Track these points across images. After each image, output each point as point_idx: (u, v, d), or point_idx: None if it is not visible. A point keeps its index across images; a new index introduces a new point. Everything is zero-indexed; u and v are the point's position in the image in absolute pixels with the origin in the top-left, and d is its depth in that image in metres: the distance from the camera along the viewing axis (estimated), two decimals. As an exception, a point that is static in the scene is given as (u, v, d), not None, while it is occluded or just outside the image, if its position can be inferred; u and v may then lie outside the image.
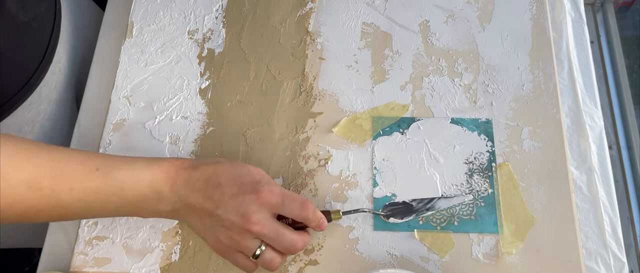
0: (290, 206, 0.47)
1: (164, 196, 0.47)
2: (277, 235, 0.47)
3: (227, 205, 0.46)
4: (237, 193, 0.46)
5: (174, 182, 0.47)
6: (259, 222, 0.46)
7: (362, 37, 0.65)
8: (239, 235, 0.46)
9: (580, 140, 0.60)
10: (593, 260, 0.54)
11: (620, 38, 1.00)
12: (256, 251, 0.47)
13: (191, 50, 0.65)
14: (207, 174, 0.47)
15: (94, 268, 0.54)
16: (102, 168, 0.46)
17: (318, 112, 0.61)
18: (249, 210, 0.46)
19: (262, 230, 0.46)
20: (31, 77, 0.57)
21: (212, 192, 0.46)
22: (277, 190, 0.47)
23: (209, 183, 0.46)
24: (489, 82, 0.62)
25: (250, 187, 0.46)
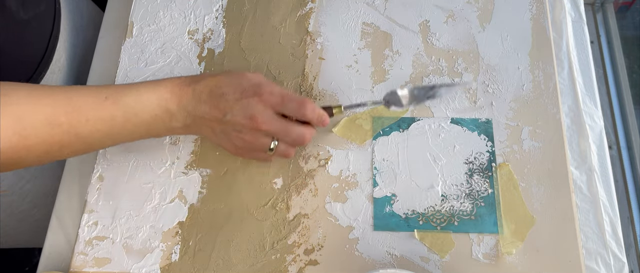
0: (290, 105, 0.51)
1: (174, 113, 0.50)
2: (285, 130, 0.51)
3: (233, 110, 0.49)
4: (240, 98, 0.49)
5: (180, 98, 0.50)
6: (266, 121, 0.50)
7: (362, 37, 0.65)
8: (251, 135, 0.51)
9: (580, 140, 0.60)
10: (593, 260, 0.54)
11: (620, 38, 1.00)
12: (270, 146, 0.52)
13: (191, 50, 0.65)
14: (210, 86, 0.50)
15: (94, 268, 0.54)
16: (111, 97, 0.48)
17: (318, 112, 0.61)
18: (255, 111, 0.49)
19: (270, 127, 0.50)
20: (31, 76, 0.57)
21: (218, 101, 0.49)
22: (277, 90, 0.51)
23: (213, 93, 0.50)
24: (489, 82, 0.62)
25: (252, 91, 0.50)
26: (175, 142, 0.60)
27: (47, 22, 0.59)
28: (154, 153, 0.59)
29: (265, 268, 0.54)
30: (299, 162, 0.58)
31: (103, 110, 0.48)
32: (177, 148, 0.60)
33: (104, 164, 0.59)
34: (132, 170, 0.59)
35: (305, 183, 0.57)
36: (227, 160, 0.59)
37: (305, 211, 0.56)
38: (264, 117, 0.50)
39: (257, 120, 0.50)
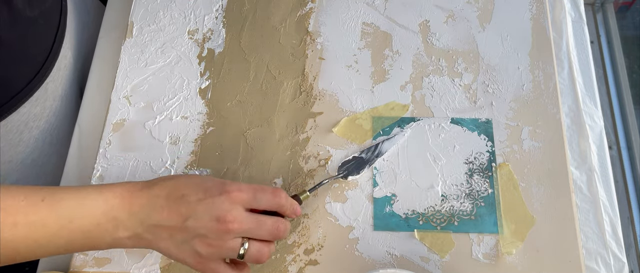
0: (263, 197, 0.45)
1: (122, 222, 0.43)
2: (258, 224, 0.44)
3: (196, 212, 0.43)
4: (203, 198, 0.43)
5: (131, 204, 0.43)
6: (236, 219, 0.43)
7: (362, 37, 0.65)
8: (218, 240, 0.43)
9: (580, 140, 0.60)
10: (593, 260, 0.54)
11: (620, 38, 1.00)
12: (240, 250, 0.44)
13: (191, 50, 0.65)
14: (167, 189, 0.44)
15: (94, 268, 0.54)
16: (47, 198, 0.42)
17: (318, 112, 0.61)
18: (222, 210, 0.43)
19: (242, 226, 0.43)
20: (38, 72, 0.57)
21: (178, 204, 0.43)
22: (245, 186, 0.45)
23: (171, 197, 0.43)
24: (489, 82, 0.62)
25: (217, 189, 0.44)
26: (175, 142, 0.60)
27: (54, 19, 0.59)
28: (154, 153, 0.59)
29: (265, 268, 0.54)
30: (299, 162, 0.58)
31: (35, 213, 0.41)
32: (177, 149, 0.60)
33: (104, 164, 0.59)
34: (132, 170, 0.59)
35: (305, 183, 0.57)
36: (227, 160, 0.59)
37: (305, 211, 0.56)
38: (234, 214, 0.43)
39: (226, 220, 0.42)
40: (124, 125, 0.61)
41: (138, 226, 0.43)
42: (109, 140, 0.60)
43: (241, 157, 0.59)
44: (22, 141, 0.59)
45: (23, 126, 0.58)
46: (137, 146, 0.60)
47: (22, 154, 0.60)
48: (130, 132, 0.61)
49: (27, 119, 0.58)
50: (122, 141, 0.60)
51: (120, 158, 0.59)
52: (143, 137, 0.60)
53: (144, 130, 0.61)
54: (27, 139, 0.60)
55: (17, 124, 0.57)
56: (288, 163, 0.58)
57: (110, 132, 0.61)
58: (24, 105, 0.57)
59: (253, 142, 0.60)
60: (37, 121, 0.60)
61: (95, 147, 0.61)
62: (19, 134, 0.58)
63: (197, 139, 0.60)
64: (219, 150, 0.59)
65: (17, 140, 0.58)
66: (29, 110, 0.58)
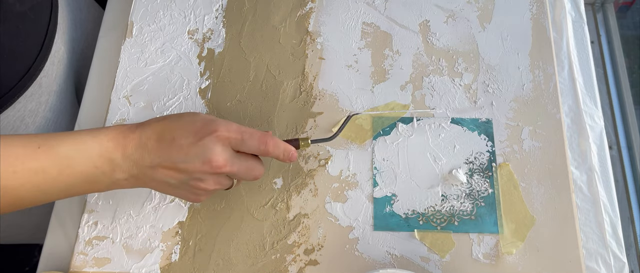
0: (250, 141, 0.46)
1: (117, 164, 0.44)
2: (247, 169, 0.47)
3: (188, 156, 0.44)
4: (194, 141, 0.44)
5: (125, 147, 0.44)
6: (227, 162, 0.45)
7: (362, 37, 0.65)
8: (212, 181, 0.46)
9: (581, 140, 0.60)
10: (593, 260, 0.54)
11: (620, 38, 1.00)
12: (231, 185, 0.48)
13: (191, 50, 0.65)
14: (157, 132, 0.45)
15: (94, 268, 0.54)
16: (44, 145, 0.43)
17: (318, 112, 0.61)
18: (213, 153, 0.44)
19: (233, 169, 0.45)
20: (31, 67, 0.57)
21: (169, 147, 0.44)
22: (234, 126, 0.46)
23: (162, 140, 0.44)
24: (489, 82, 0.62)
25: (206, 129, 0.45)
26: (175, 142, 0.60)
27: (44, 14, 0.59)
28: (154, 153, 0.59)
29: (265, 268, 0.54)
30: (299, 162, 0.58)
31: (33, 160, 0.42)
32: (177, 148, 0.60)
33: (104, 164, 0.59)
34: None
35: (305, 183, 0.57)
36: (227, 160, 0.59)
37: (305, 211, 0.56)
38: (225, 157, 0.44)
39: (217, 164, 0.44)
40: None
41: (133, 167, 0.44)
42: (109, 140, 0.60)
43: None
44: None
45: (19, 122, 0.58)
46: (137, 146, 0.60)
47: None
48: (130, 132, 0.61)
49: (22, 114, 0.58)
50: (122, 141, 0.60)
51: (120, 158, 0.59)
52: (143, 137, 0.60)
53: (144, 130, 0.61)
54: None
55: (13, 120, 0.57)
56: (288, 163, 0.58)
57: (110, 132, 0.61)
58: (19, 100, 0.57)
59: (253, 142, 0.60)
60: (33, 117, 0.60)
61: (95, 147, 0.61)
62: (15, 130, 0.58)
63: (197, 139, 0.60)
64: (219, 150, 0.59)
65: None
66: (24, 106, 0.58)
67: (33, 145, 0.43)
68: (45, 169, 0.43)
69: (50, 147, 0.43)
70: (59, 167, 0.43)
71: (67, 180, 0.44)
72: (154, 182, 0.46)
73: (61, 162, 0.43)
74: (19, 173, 0.42)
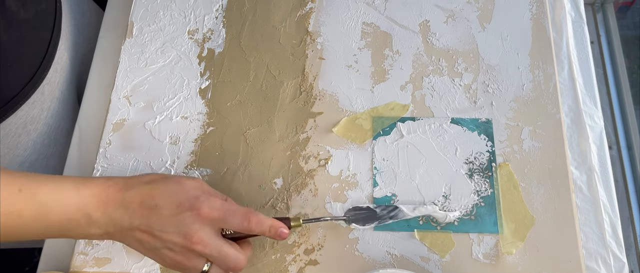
0: (232, 220, 0.45)
1: (94, 220, 0.44)
2: (220, 254, 0.45)
3: (166, 225, 0.44)
4: (175, 213, 0.44)
5: (106, 205, 0.44)
6: (201, 241, 0.44)
7: (362, 37, 0.65)
8: (183, 256, 0.45)
9: (580, 140, 0.60)
10: (593, 260, 0.54)
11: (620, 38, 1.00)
12: (203, 268, 0.45)
13: (191, 50, 0.65)
14: (141, 196, 0.45)
15: (94, 268, 0.54)
16: (25, 189, 0.43)
17: (318, 112, 0.61)
18: (191, 229, 0.44)
19: (205, 250, 0.44)
20: (35, 74, 0.57)
21: (150, 214, 0.44)
22: (217, 204, 0.45)
23: (144, 205, 0.44)
24: (489, 82, 0.62)
25: (189, 204, 0.44)
26: (175, 142, 0.60)
27: (48, 21, 0.59)
28: (154, 153, 0.59)
29: (265, 268, 0.54)
30: (299, 162, 0.58)
31: (12, 204, 0.42)
32: (177, 148, 0.60)
33: (104, 164, 0.59)
34: (132, 170, 0.59)
35: (305, 183, 0.57)
36: (227, 160, 0.59)
37: (305, 211, 0.56)
38: (200, 236, 0.44)
39: (192, 240, 0.44)
40: (124, 125, 0.61)
41: (110, 225, 0.44)
42: (109, 140, 0.60)
43: (241, 157, 0.59)
44: (20, 144, 0.59)
45: (21, 129, 0.58)
46: (137, 146, 0.60)
47: (21, 157, 0.60)
48: (130, 132, 0.61)
49: (25, 121, 0.58)
50: (122, 141, 0.60)
51: (120, 158, 0.59)
52: (143, 137, 0.60)
53: (144, 130, 0.61)
54: (25, 142, 0.60)
55: (15, 127, 0.57)
56: (288, 163, 0.58)
57: (110, 132, 0.61)
58: (22, 107, 0.57)
59: (253, 142, 0.60)
60: (35, 123, 0.60)
61: (95, 147, 0.61)
62: (17, 136, 0.58)
63: (197, 139, 0.60)
64: (219, 150, 0.59)
65: (15, 142, 0.58)
66: (26, 113, 0.58)
67: (14, 187, 0.43)
68: (22, 215, 0.42)
69: (31, 193, 0.43)
70: (35, 213, 0.43)
71: (41, 226, 0.43)
72: (128, 241, 0.46)
73: (38, 209, 0.43)
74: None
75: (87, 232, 0.45)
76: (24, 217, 0.43)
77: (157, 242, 0.44)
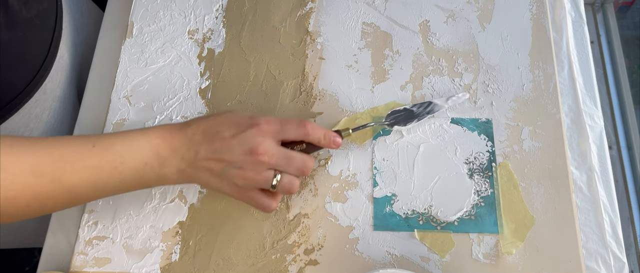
0: (289, 128, 0.49)
1: (166, 159, 0.47)
2: (287, 159, 0.48)
3: (231, 146, 0.47)
4: (236, 133, 0.47)
5: (172, 142, 0.47)
6: (267, 151, 0.47)
7: (362, 37, 0.65)
8: (253, 171, 0.47)
9: (580, 140, 0.60)
10: (593, 260, 0.54)
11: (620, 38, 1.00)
12: (273, 181, 0.48)
13: (191, 50, 0.65)
14: (202, 127, 0.48)
15: (94, 268, 0.54)
16: (98, 144, 0.46)
17: (318, 112, 0.61)
18: (254, 142, 0.47)
19: (272, 159, 0.47)
20: (37, 73, 0.57)
21: (213, 140, 0.47)
22: (273, 118, 0.49)
23: (207, 133, 0.48)
24: (489, 82, 0.62)
25: (248, 123, 0.48)
26: (175, 142, 0.60)
27: (50, 19, 0.59)
28: (154, 153, 0.59)
29: (265, 268, 0.54)
30: (299, 162, 0.58)
31: (90, 158, 0.46)
32: (177, 148, 0.60)
33: (104, 164, 0.59)
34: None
35: (305, 183, 0.57)
36: (227, 160, 0.59)
37: (305, 211, 0.56)
38: (265, 147, 0.47)
39: (258, 152, 0.47)
40: (124, 125, 0.61)
41: (180, 162, 0.48)
42: (109, 140, 0.60)
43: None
44: None
45: (23, 128, 0.58)
46: (137, 146, 0.60)
47: None
48: (130, 132, 0.61)
49: (27, 120, 0.58)
50: (122, 141, 0.60)
51: (120, 158, 0.59)
52: (143, 137, 0.60)
53: (144, 130, 0.61)
54: None
55: (18, 126, 0.57)
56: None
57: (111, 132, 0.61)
58: (24, 106, 0.57)
59: (253, 142, 0.60)
60: (36, 122, 0.60)
61: (95, 147, 0.61)
62: (19, 135, 0.58)
63: (197, 139, 0.60)
64: (219, 150, 0.59)
65: None
66: (29, 112, 0.58)
67: (88, 144, 0.46)
68: (101, 166, 0.46)
69: (104, 146, 0.46)
70: (113, 164, 0.46)
71: (119, 176, 0.47)
72: (198, 174, 0.48)
73: (114, 159, 0.46)
74: (76, 171, 0.45)
75: (160, 173, 0.48)
76: (103, 169, 0.46)
77: (225, 165, 0.47)
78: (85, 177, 0.45)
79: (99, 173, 0.46)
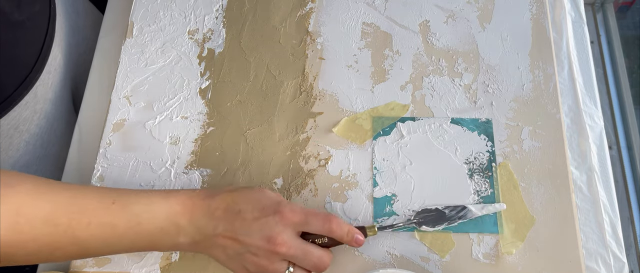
0: (314, 221, 0.47)
1: (183, 228, 0.46)
2: (304, 253, 0.46)
3: (250, 229, 0.45)
4: (258, 217, 0.46)
5: (192, 213, 0.46)
6: (285, 243, 0.45)
7: (362, 37, 0.65)
8: (266, 259, 0.46)
9: (580, 140, 0.60)
10: (593, 260, 0.54)
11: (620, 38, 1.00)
12: (285, 272, 0.47)
13: (191, 50, 0.65)
14: (226, 202, 0.47)
15: (94, 268, 0.54)
16: (118, 201, 0.45)
17: (318, 112, 0.61)
18: (274, 231, 0.45)
19: (289, 251, 0.46)
20: (27, 76, 0.57)
21: (234, 219, 0.46)
22: (298, 208, 0.47)
23: (229, 210, 0.46)
24: (489, 82, 0.62)
25: (272, 209, 0.46)
26: (176, 142, 0.60)
27: (42, 22, 0.59)
28: (154, 153, 0.59)
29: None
30: (299, 162, 0.58)
31: (107, 215, 0.45)
32: (177, 149, 0.60)
33: (104, 164, 0.59)
34: (132, 170, 0.59)
35: (305, 183, 0.57)
36: (227, 160, 0.59)
37: (305, 211, 0.56)
38: (284, 237, 0.45)
39: (275, 242, 0.45)
40: (124, 125, 0.61)
41: (196, 234, 0.46)
42: (109, 140, 0.60)
43: (241, 157, 0.59)
44: (12, 145, 0.59)
45: (13, 130, 0.58)
46: (138, 146, 0.60)
47: (13, 158, 0.60)
48: (131, 132, 0.61)
49: (17, 122, 0.58)
50: (122, 141, 0.60)
51: (120, 158, 0.59)
52: (143, 137, 0.60)
53: (144, 130, 0.61)
54: (18, 143, 0.59)
55: (7, 128, 0.57)
56: (288, 163, 0.58)
57: (111, 132, 0.61)
58: (14, 109, 0.57)
59: (253, 142, 0.60)
60: (27, 125, 0.60)
61: (95, 147, 0.61)
62: (9, 138, 0.58)
63: (197, 139, 0.60)
64: (219, 150, 0.59)
65: (7, 144, 0.58)
66: (18, 114, 0.58)
67: (108, 200, 0.45)
68: (116, 225, 0.45)
69: (124, 205, 0.45)
70: (128, 224, 0.45)
71: (133, 236, 0.45)
72: (212, 248, 0.47)
73: (130, 219, 0.45)
74: (92, 226, 0.44)
75: (175, 241, 0.46)
76: (117, 227, 0.45)
77: (241, 247, 0.46)
78: (98, 233, 0.44)
79: (113, 231, 0.45)
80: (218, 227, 0.46)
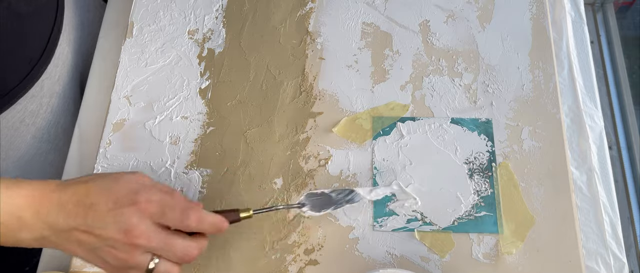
0: (170, 214, 0.43)
1: (26, 223, 0.41)
2: (166, 245, 0.43)
3: (104, 222, 0.41)
4: (113, 208, 0.42)
5: (40, 207, 0.42)
6: (143, 234, 0.42)
7: (362, 37, 0.65)
8: (125, 253, 0.42)
9: (580, 140, 0.60)
10: (593, 260, 0.54)
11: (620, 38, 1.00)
12: (149, 265, 0.43)
13: (191, 50, 0.65)
14: (78, 194, 0.42)
15: (94, 268, 0.54)
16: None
17: (318, 112, 0.61)
18: (130, 223, 0.41)
19: (150, 243, 0.42)
20: (32, 69, 0.57)
21: (86, 212, 0.42)
22: (156, 198, 0.43)
23: (81, 203, 0.42)
24: (489, 82, 0.62)
25: (128, 199, 0.42)
26: (176, 142, 0.60)
27: (49, 15, 0.59)
28: (154, 153, 0.59)
29: (266, 268, 0.54)
30: (299, 162, 0.58)
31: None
32: (177, 148, 0.60)
33: (104, 164, 0.59)
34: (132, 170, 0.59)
35: (305, 183, 0.57)
36: (227, 160, 0.59)
37: (305, 211, 0.56)
38: (141, 229, 0.41)
39: (133, 234, 0.41)
40: (124, 125, 0.61)
41: (45, 229, 0.42)
42: (109, 140, 0.60)
43: (241, 157, 0.59)
44: (18, 138, 0.59)
45: (19, 123, 0.58)
46: (137, 146, 0.60)
47: (19, 151, 0.60)
48: (131, 132, 0.61)
49: (23, 115, 0.58)
50: (122, 141, 0.60)
51: (120, 158, 0.59)
52: (143, 137, 0.60)
53: (144, 130, 0.61)
54: (24, 136, 0.60)
55: (13, 121, 0.57)
56: (288, 163, 0.58)
57: (111, 132, 0.61)
58: (19, 102, 0.57)
59: (253, 142, 0.60)
60: (33, 118, 0.60)
61: (95, 147, 0.61)
62: (15, 130, 0.58)
63: (197, 139, 0.60)
64: (219, 150, 0.59)
65: (13, 137, 0.58)
66: (24, 107, 0.58)
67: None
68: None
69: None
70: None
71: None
72: (66, 244, 0.43)
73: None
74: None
75: (17, 237, 0.42)
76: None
77: (97, 240, 0.42)
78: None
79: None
80: (70, 222, 0.41)
